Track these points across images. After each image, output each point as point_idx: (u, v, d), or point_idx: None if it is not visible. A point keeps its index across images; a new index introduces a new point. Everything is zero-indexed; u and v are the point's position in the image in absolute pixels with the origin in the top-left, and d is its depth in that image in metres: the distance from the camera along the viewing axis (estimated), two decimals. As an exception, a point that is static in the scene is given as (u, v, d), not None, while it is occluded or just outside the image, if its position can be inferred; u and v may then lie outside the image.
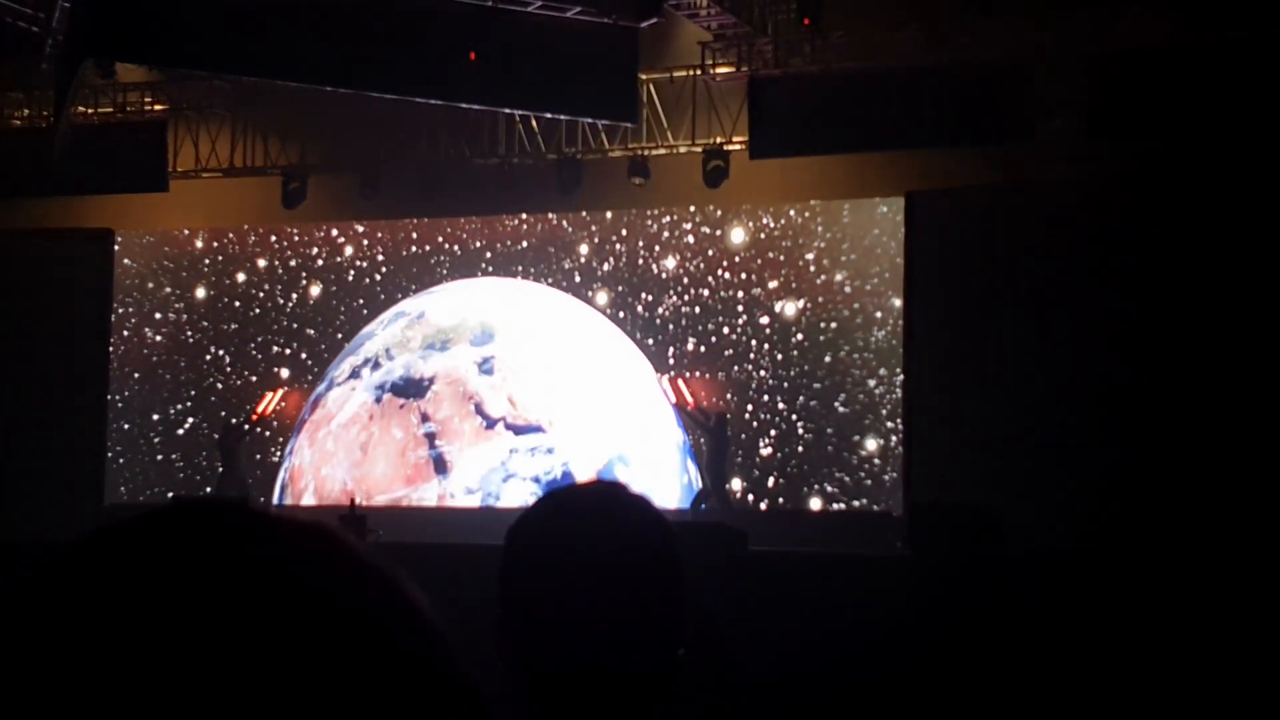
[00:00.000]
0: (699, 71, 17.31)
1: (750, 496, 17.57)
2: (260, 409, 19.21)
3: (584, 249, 18.79)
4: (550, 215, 18.87)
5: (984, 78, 15.32)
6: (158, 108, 19.08)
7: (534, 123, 18.11)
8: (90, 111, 18.95)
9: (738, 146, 17.32)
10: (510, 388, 18.57)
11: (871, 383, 17.34)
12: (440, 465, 18.60)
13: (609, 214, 18.67)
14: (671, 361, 18.14)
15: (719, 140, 17.53)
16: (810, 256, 17.73)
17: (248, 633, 0.73)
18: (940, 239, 16.92)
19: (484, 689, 0.82)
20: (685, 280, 18.24)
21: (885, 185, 17.36)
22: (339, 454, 19.06)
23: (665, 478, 17.88)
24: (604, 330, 18.54)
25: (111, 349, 20.35)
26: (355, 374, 19.34)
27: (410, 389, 18.95)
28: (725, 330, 17.99)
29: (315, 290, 19.78)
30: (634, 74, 16.25)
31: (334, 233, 19.85)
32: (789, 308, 17.75)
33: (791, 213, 17.85)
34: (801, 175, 17.46)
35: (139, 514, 0.79)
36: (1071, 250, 16.02)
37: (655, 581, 1.87)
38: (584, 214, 18.74)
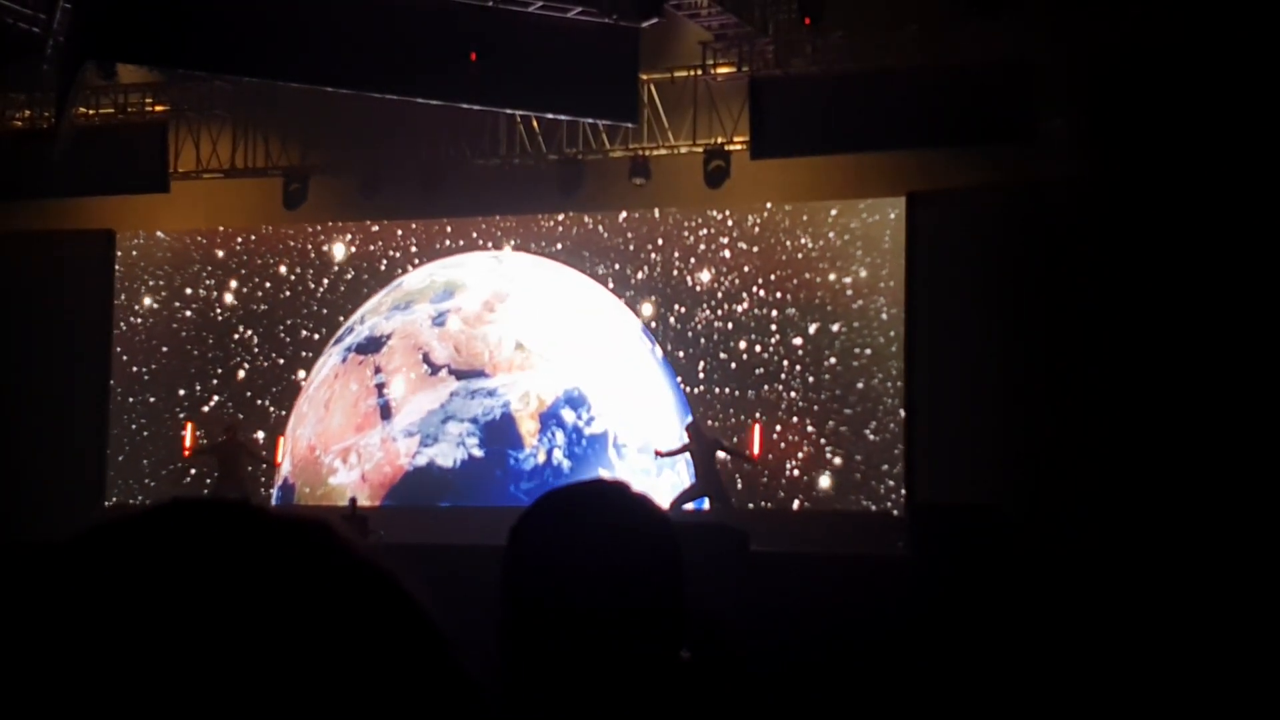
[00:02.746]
0: (700, 72, 17.30)
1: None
2: (278, 458, 19.32)
3: (614, 252, 18.69)
4: (586, 219, 18.79)
5: (984, 78, 15.30)
6: (159, 109, 19.06)
7: (535, 123, 18.10)
8: (91, 113, 18.93)
9: (739, 147, 17.31)
10: (457, 337, 19.04)
11: (902, 411, 17.22)
12: (385, 412, 19.16)
13: (628, 220, 18.58)
14: (701, 375, 18.07)
15: (720, 140, 17.52)
16: (848, 280, 17.60)
17: (246, 630, 0.73)
18: (940, 239, 16.91)
19: (485, 688, 0.82)
20: (719, 295, 18.16)
21: (885, 185, 17.34)
22: (310, 414, 19.61)
23: (640, 425, 17.99)
24: (599, 295, 18.63)
25: (129, 327, 20.32)
26: (335, 343, 19.73)
27: (370, 346, 19.50)
28: (757, 349, 17.90)
29: (346, 277, 19.80)
30: (635, 74, 16.24)
31: (370, 226, 19.84)
32: (820, 330, 17.65)
33: (831, 235, 17.68)
34: (802, 175, 17.45)
35: (138, 512, 0.79)
36: (1072, 250, 16.00)
37: (658, 582, 1.87)
38: (620, 220, 18.63)
